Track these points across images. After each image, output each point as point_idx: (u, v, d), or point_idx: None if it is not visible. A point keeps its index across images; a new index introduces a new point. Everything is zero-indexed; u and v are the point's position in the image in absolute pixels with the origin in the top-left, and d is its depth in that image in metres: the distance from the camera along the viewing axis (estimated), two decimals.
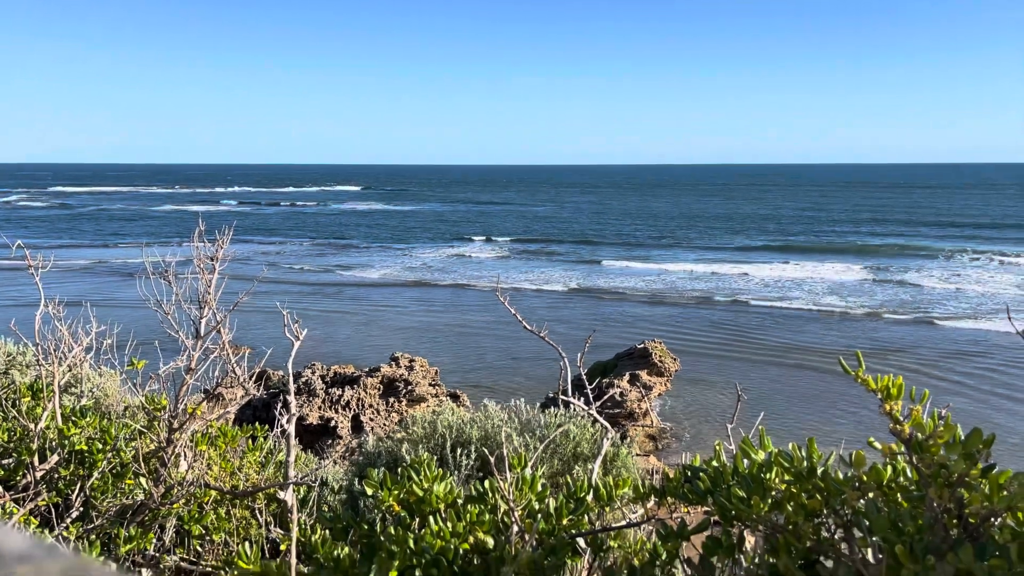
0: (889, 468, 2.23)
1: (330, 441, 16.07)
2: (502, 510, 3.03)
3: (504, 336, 29.98)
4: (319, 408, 17.27)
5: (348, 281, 45.15)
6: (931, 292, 41.04)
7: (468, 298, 39.62)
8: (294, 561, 2.65)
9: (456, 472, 6.09)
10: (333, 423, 16.97)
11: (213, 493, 4.32)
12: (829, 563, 2.24)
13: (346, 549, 2.89)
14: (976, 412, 20.95)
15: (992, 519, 2.01)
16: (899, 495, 2.20)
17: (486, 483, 3.14)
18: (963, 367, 26.17)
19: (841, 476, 2.26)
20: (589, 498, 3.12)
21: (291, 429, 3.10)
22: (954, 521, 2.07)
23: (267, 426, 5.32)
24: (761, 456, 2.54)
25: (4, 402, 4.80)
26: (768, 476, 2.42)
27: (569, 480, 3.21)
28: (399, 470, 3.33)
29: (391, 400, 17.97)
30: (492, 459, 3.21)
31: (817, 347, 28.46)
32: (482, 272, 48.82)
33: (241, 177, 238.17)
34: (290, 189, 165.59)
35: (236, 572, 2.99)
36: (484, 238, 69.77)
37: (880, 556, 2.02)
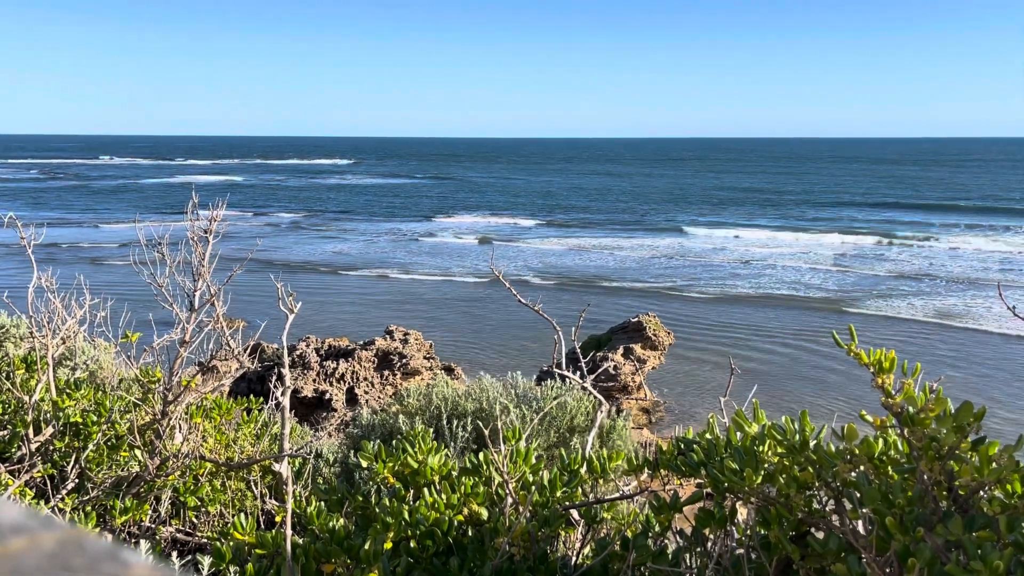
0: (880, 441, 2.25)
1: (325, 414, 16.11)
2: (496, 482, 3.05)
3: (497, 311, 30.11)
4: (313, 381, 17.30)
5: (331, 259, 45.20)
6: (921, 272, 41.35)
7: (458, 278, 39.68)
8: (289, 532, 2.67)
9: (451, 444, 6.12)
10: (328, 396, 17.01)
11: (208, 465, 4.34)
12: (820, 534, 2.26)
13: (341, 520, 2.91)
14: (960, 391, 21.13)
15: (981, 491, 2.03)
16: (890, 468, 2.22)
17: (480, 455, 3.16)
18: (947, 343, 26.45)
19: (833, 449, 2.28)
20: (583, 470, 3.14)
21: (286, 401, 3.11)
22: (944, 493, 2.09)
23: (262, 399, 5.33)
24: (755, 429, 2.55)
25: None
26: (761, 449, 2.44)
27: (564, 453, 3.23)
28: (394, 442, 3.34)
29: (386, 373, 18.01)
30: (487, 432, 3.23)
31: (805, 326, 28.69)
32: (473, 252, 48.78)
33: (211, 149, 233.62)
34: (274, 161, 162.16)
35: (232, 543, 3.01)
36: (474, 215, 69.54)
37: (870, 527, 2.04)
